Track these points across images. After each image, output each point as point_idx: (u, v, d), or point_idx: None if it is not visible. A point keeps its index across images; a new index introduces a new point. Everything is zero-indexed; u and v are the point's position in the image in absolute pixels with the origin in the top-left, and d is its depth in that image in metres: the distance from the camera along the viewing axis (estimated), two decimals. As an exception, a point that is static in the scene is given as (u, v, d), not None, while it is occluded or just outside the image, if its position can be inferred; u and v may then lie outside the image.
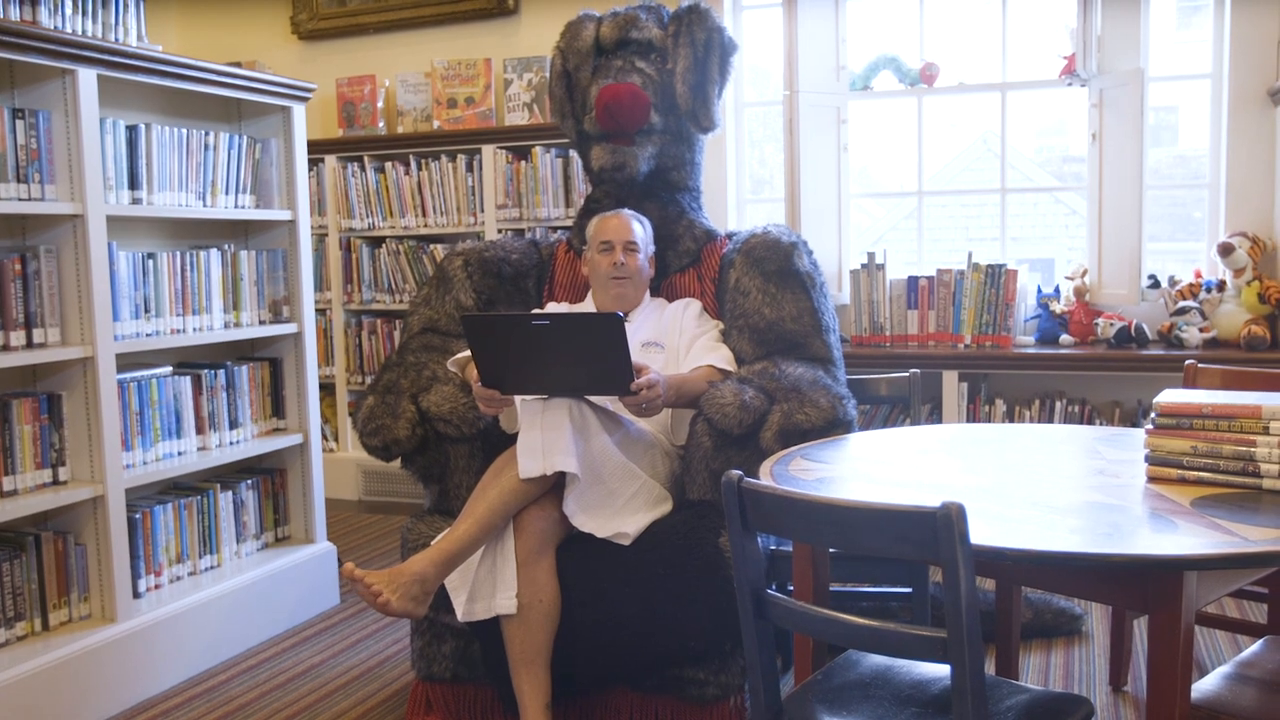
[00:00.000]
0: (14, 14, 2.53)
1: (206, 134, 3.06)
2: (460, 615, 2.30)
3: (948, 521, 1.38)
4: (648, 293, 2.85)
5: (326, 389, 4.74)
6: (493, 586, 2.28)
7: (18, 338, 2.55)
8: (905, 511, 1.42)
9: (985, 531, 1.56)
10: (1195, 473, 1.81)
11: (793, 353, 2.65)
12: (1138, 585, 1.54)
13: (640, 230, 2.80)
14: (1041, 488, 1.84)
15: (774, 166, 5.36)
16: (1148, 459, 1.87)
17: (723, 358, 2.64)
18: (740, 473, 1.59)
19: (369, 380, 4.71)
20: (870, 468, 2.05)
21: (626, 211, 2.82)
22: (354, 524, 4.38)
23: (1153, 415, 1.87)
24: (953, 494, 1.79)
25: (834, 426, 2.39)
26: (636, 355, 2.46)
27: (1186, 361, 2.74)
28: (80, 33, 2.72)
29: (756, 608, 1.63)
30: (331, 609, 3.37)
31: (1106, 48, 3.87)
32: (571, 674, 2.36)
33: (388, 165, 4.60)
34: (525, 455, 2.25)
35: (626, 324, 2.60)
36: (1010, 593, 2.33)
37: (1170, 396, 1.89)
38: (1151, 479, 1.85)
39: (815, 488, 1.89)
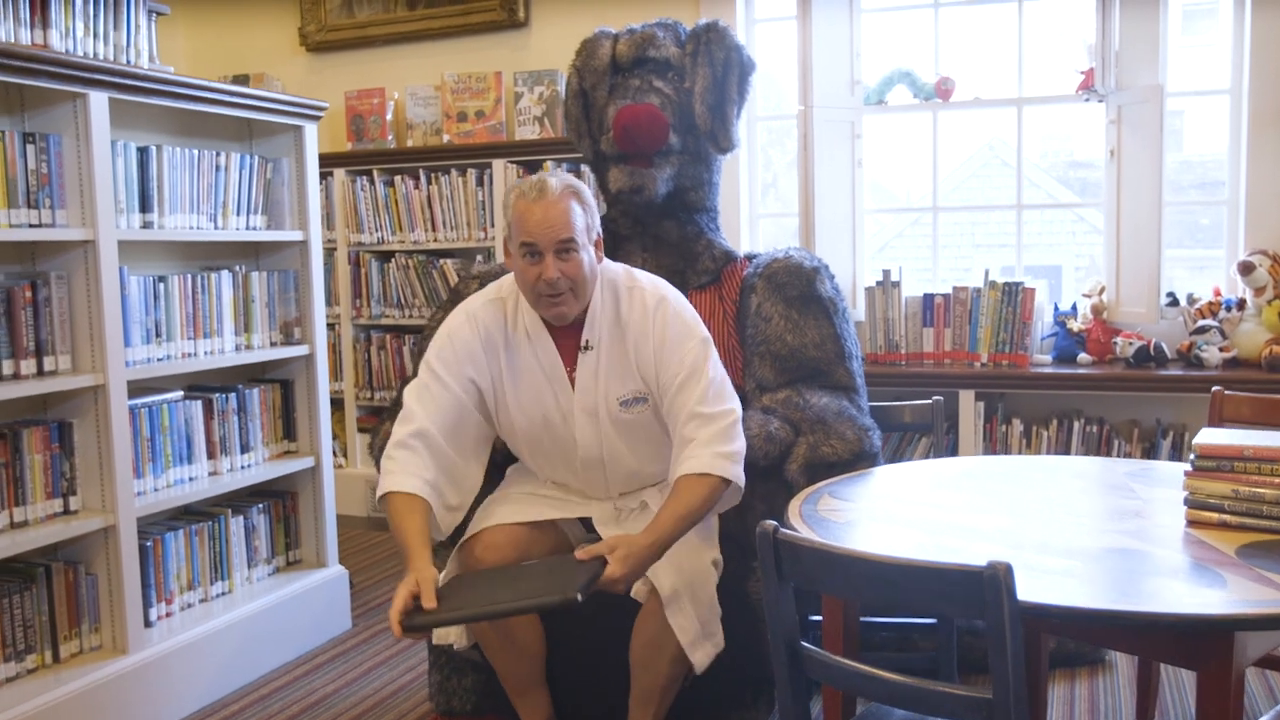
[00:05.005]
0: (25, 37, 2.49)
1: (218, 154, 3.02)
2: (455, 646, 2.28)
3: (995, 582, 1.34)
4: (599, 287, 2.20)
5: (335, 404, 4.69)
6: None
7: (28, 366, 2.51)
8: (951, 570, 1.38)
9: (1026, 584, 1.51)
10: (1237, 517, 1.77)
11: (815, 380, 2.61)
12: (1187, 643, 1.50)
13: (579, 213, 2.12)
14: (1079, 532, 1.80)
15: (778, 168, 5.32)
16: (1187, 501, 1.83)
17: (689, 453, 2.10)
18: (775, 524, 1.55)
19: (379, 396, 4.67)
20: (900, 508, 2.00)
21: (556, 184, 2.11)
22: (362, 543, 4.34)
23: (1191, 456, 1.84)
24: (988, 540, 1.76)
25: (860, 459, 2.36)
26: (614, 416, 2.21)
27: (1213, 389, 2.69)
28: (92, 55, 2.68)
29: (791, 660, 1.59)
30: (343, 634, 3.33)
31: (1124, 63, 3.82)
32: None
33: (397, 179, 4.56)
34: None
35: (584, 351, 2.20)
36: (1037, 634, 2.29)
37: (1209, 438, 1.85)
38: (1191, 523, 1.81)
39: (846, 531, 1.85)
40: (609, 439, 2.23)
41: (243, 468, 3.12)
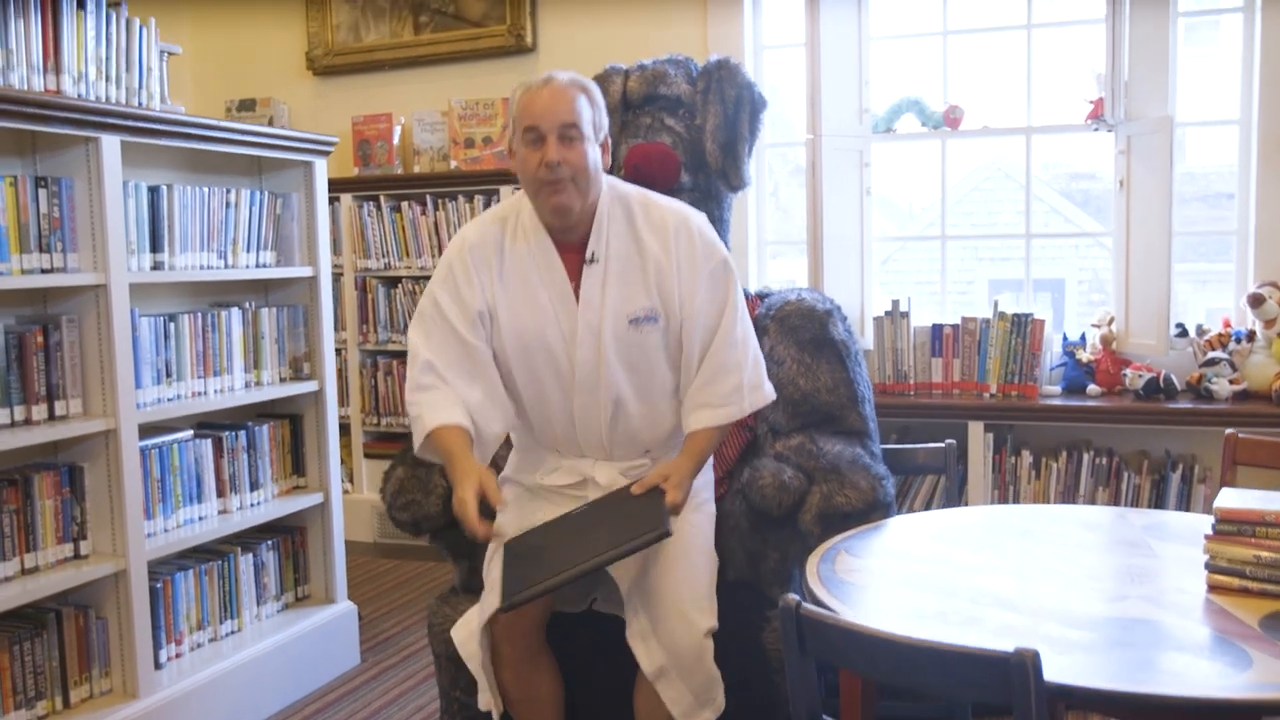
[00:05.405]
0: (38, 83, 2.48)
1: (228, 192, 3.02)
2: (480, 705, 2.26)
3: (1022, 669, 1.33)
4: (605, 195, 2.12)
5: (342, 430, 4.66)
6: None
7: (39, 411, 2.50)
8: (978, 656, 1.37)
9: (1047, 660, 1.50)
10: (1259, 584, 1.76)
11: (828, 425, 2.60)
12: (1210, 724, 1.50)
13: (585, 105, 2.05)
14: (1097, 598, 1.79)
15: (779, 176, 5.30)
16: (1208, 566, 1.82)
17: (721, 394, 2.13)
18: (798, 599, 1.54)
19: (385, 422, 4.66)
20: (916, 568, 1.99)
21: (564, 76, 2.07)
22: (370, 570, 4.33)
23: (1213, 521, 1.83)
24: (1008, 607, 1.75)
25: (874, 509, 2.34)
26: (619, 334, 2.11)
27: (1226, 431, 2.69)
28: (104, 99, 2.67)
29: (813, 735, 1.59)
30: (352, 669, 3.32)
31: (1134, 94, 3.82)
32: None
33: (404, 205, 4.55)
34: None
35: (589, 264, 2.11)
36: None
37: (1230, 501, 1.84)
38: (1212, 588, 1.80)
39: (864, 596, 1.85)
40: (608, 361, 2.10)
41: (252, 505, 3.11)
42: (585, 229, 2.11)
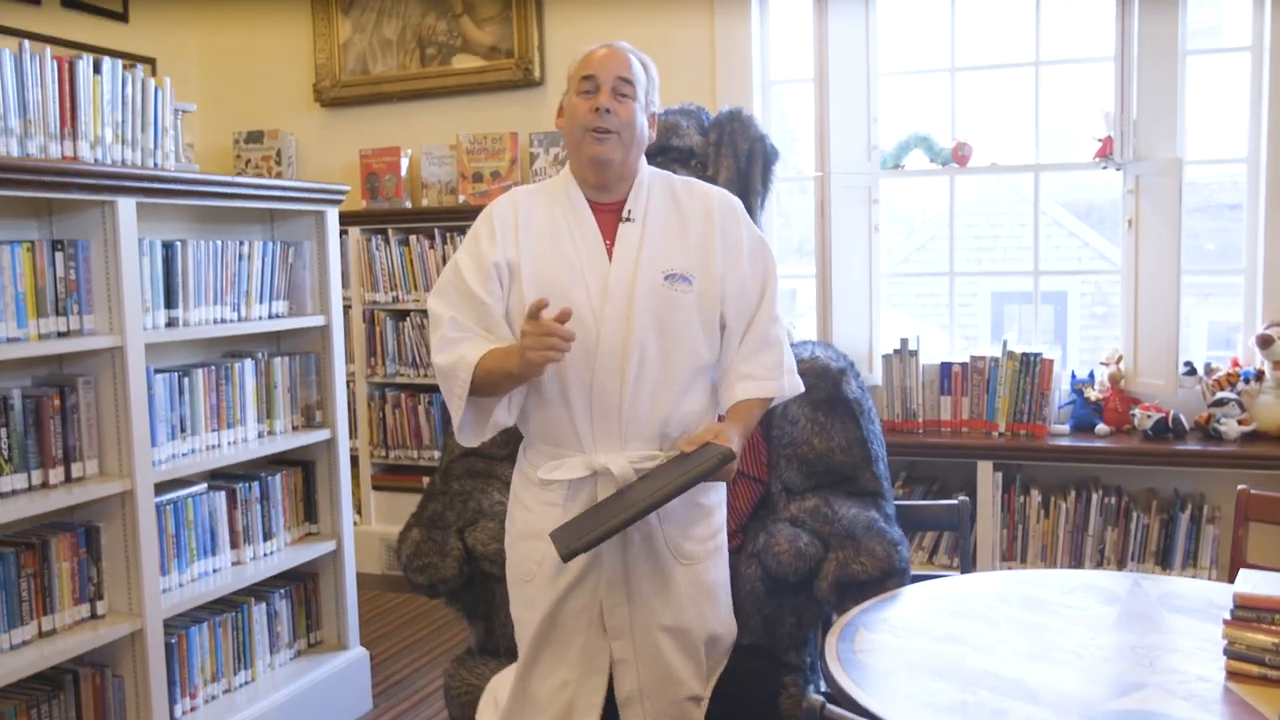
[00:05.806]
0: (56, 150, 2.48)
1: (241, 244, 3.02)
2: None
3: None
4: (645, 169, 2.14)
5: (350, 462, 4.68)
6: None
7: (56, 475, 2.51)
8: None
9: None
10: (1278, 672, 1.77)
11: (842, 485, 2.61)
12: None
13: (640, 69, 2.09)
14: (1118, 685, 1.80)
15: (780, 186, 5.31)
16: (1226, 652, 1.83)
17: (765, 367, 2.11)
18: (823, 700, 1.55)
19: (393, 454, 4.67)
20: (934, 647, 1.99)
21: (624, 43, 2.13)
22: (380, 605, 4.33)
23: (1231, 608, 1.84)
24: (1029, 699, 1.76)
25: (889, 577, 2.35)
26: (653, 288, 2.03)
27: (1239, 487, 2.70)
28: (120, 161, 2.67)
29: (837, 834, 1.59)
30: (365, 715, 3.33)
31: (1142, 133, 3.83)
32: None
33: (412, 238, 4.56)
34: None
35: (625, 222, 2.08)
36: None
37: (1249, 586, 1.85)
38: (1230, 674, 1.81)
39: (884, 683, 1.85)
40: (637, 318, 2.00)
41: (265, 555, 3.12)
42: (623, 194, 2.10)
